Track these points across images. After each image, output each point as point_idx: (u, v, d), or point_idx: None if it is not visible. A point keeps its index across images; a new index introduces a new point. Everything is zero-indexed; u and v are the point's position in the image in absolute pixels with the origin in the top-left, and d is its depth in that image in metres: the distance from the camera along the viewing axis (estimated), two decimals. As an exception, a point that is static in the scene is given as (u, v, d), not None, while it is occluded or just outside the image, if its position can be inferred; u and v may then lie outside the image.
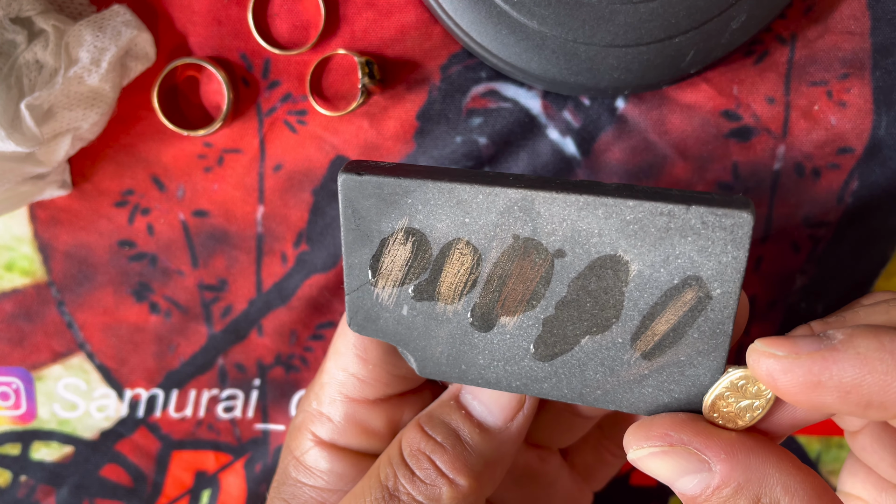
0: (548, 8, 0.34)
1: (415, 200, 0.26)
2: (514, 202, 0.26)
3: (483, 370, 0.28)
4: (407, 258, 0.27)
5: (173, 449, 0.40)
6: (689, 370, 0.27)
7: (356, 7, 0.37)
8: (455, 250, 0.27)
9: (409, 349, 0.28)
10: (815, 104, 0.37)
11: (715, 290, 0.26)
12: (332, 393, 0.31)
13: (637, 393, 0.27)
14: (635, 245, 0.26)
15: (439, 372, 0.28)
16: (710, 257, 0.25)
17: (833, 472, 0.40)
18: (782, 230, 0.38)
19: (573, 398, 0.28)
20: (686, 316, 0.26)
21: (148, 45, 0.36)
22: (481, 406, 0.30)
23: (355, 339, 0.31)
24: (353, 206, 0.27)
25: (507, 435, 0.30)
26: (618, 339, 0.27)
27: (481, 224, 0.26)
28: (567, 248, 0.26)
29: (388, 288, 0.28)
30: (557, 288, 0.26)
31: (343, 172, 0.27)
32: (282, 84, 0.37)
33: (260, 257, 0.39)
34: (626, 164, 0.38)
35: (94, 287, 0.39)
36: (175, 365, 0.39)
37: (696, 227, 0.25)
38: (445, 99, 0.37)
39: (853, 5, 0.36)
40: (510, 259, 0.26)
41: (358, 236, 0.27)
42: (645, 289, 0.26)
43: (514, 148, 0.37)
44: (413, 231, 0.27)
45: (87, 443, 0.40)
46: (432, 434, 0.29)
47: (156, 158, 0.38)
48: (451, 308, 0.28)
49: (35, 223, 0.38)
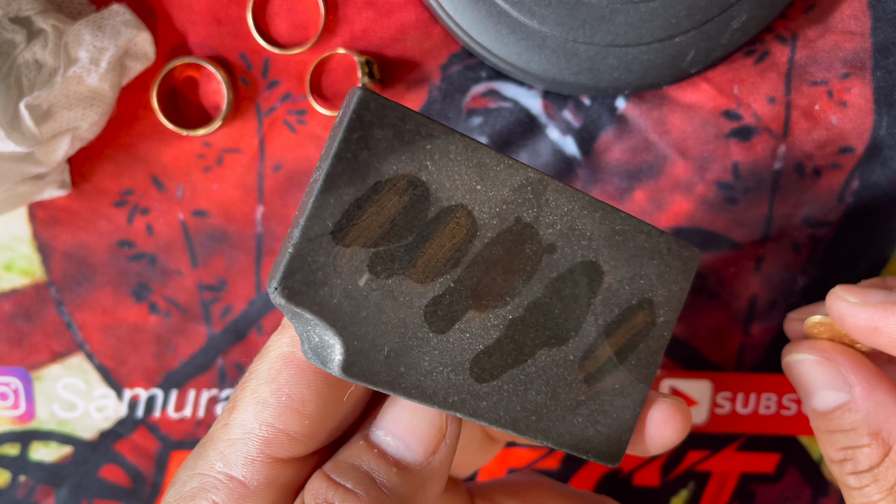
0: (548, 7, 0.34)
1: (434, 148, 0.23)
2: (529, 181, 0.24)
3: (423, 377, 0.24)
4: (396, 212, 0.23)
5: (173, 449, 0.40)
6: (618, 400, 0.26)
7: (356, 7, 0.37)
8: (452, 218, 0.23)
9: (344, 335, 0.23)
10: (815, 104, 0.37)
11: (659, 317, 0.26)
12: (250, 452, 0.25)
13: (567, 422, 0.26)
14: (615, 256, 0.26)
15: (370, 374, 0.23)
16: (665, 283, 0.26)
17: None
18: (783, 230, 0.38)
19: (506, 424, 0.25)
20: (632, 340, 0.26)
21: (147, 45, 0.36)
22: (396, 441, 0.25)
23: (289, 386, 0.25)
24: (363, 132, 0.22)
25: (430, 471, 0.25)
26: (570, 355, 0.25)
27: (491, 196, 0.24)
28: (559, 245, 0.25)
29: (355, 246, 0.22)
30: (536, 287, 0.25)
31: (363, 90, 0.22)
32: (281, 83, 0.37)
33: (259, 257, 0.38)
34: (627, 164, 0.37)
35: (93, 287, 0.38)
36: (174, 365, 0.39)
37: (662, 251, 0.26)
38: (445, 98, 0.37)
39: (854, 5, 0.36)
40: (503, 243, 0.24)
41: (350, 169, 0.22)
42: (608, 303, 0.26)
43: (515, 148, 0.37)
44: (418, 182, 0.23)
45: (87, 443, 0.40)
46: (340, 481, 0.25)
47: (155, 158, 0.38)
48: (418, 289, 0.23)
49: (34, 223, 0.38)
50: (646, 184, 0.38)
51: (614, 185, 0.38)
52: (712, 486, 0.40)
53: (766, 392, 0.40)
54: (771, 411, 0.40)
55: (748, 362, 0.39)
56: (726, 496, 0.40)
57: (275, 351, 0.25)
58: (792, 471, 0.40)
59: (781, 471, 0.40)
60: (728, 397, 0.40)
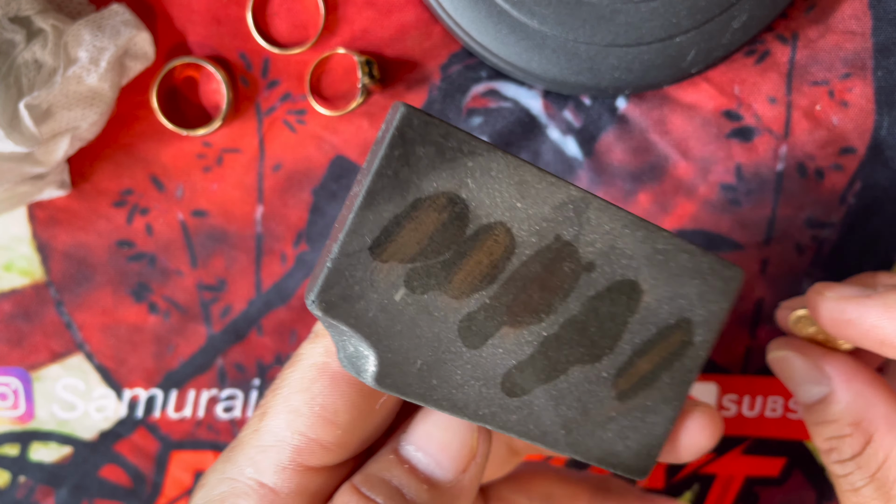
0: (548, 7, 0.34)
1: (476, 165, 0.23)
2: (571, 199, 0.24)
3: (455, 390, 0.24)
4: (434, 229, 0.23)
5: (172, 449, 0.40)
6: (649, 417, 0.26)
7: (356, 6, 0.37)
8: (491, 235, 0.23)
9: (378, 348, 0.23)
10: (816, 104, 0.37)
11: (697, 337, 0.26)
12: (281, 460, 0.25)
13: (597, 437, 0.26)
14: (655, 276, 0.25)
15: (403, 385, 0.23)
16: (705, 304, 0.26)
17: (837, 475, 0.40)
18: (786, 232, 0.38)
19: (536, 437, 0.25)
20: (667, 358, 0.26)
21: (147, 45, 0.36)
22: (428, 458, 0.25)
23: (322, 397, 0.25)
24: (404, 149, 0.22)
25: (460, 488, 0.25)
26: (603, 372, 0.26)
27: (532, 213, 0.24)
28: (598, 263, 0.25)
29: (392, 262, 0.23)
30: (572, 304, 0.25)
31: (406, 106, 0.22)
32: (281, 83, 0.37)
33: (259, 257, 0.38)
34: (629, 165, 0.37)
35: (92, 287, 0.38)
36: (174, 365, 0.39)
37: (704, 271, 0.26)
38: (445, 98, 0.37)
39: (854, 5, 0.36)
40: (542, 261, 0.24)
41: (390, 186, 0.22)
42: (646, 322, 0.26)
43: (515, 148, 0.37)
44: (457, 199, 0.23)
45: (86, 443, 0.40)
46: (371, 495, 0.25)
47: (155, 158, 0.38)
48: (453, 304, 0.23)
49: (34, 223, 0.38)
50: (649, 186, 0.37)
51: (618, 188, 0.37)
52: (716, 489, 0.40)
53: (773, 395, 0.39)
54: (777, 414, 0.40)
55: (754, 365, 0.39)
56: (730, 499, 0.40)
57: (308, 360, 0.26)
58: (797, 474, 0.40)
59: (786, 474, 0.40)
60: (734, 400, 0.40)
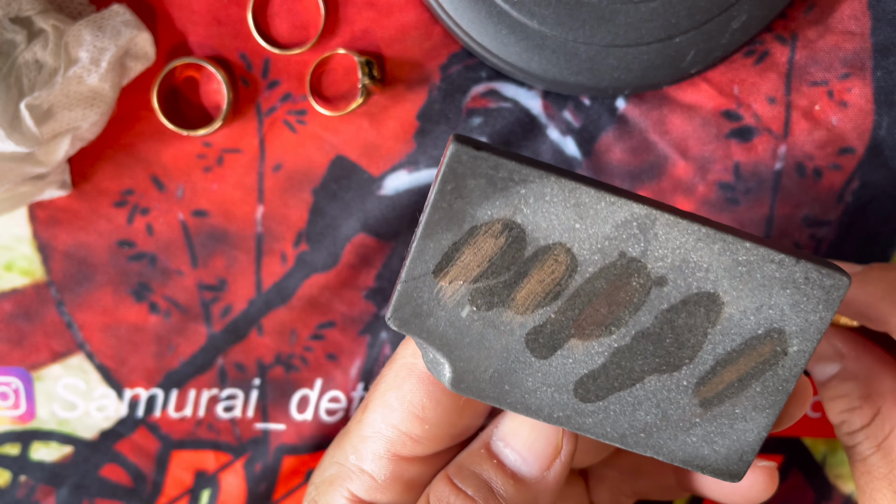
0: (548, 8, 0.34)
1: (529, 192, 0.24)
2: (634, 217, 0.24)
3: (527, 395, 0.25)
4: (493, 253, 0.24)
5: (173, 449, 0.40)
6: (738, 424, 0.26)
7: (356, 7, 0.37)
8: (551, 256, 0.24)
9: (451, 358, 0.25)
10: (816, 104, 0.37)
11: (792, 347, 0.25)
12: (378, 449, 0.28)
13: (680, 441, 0.26)
14: (737, 287, 0.25)
15: (477, 389, 0.25)
16: (800, 313, 0.25)
17: (839, 475, 0.40)
18: (783, 231, 0.38)
19: (614, 439, 0.26)
20: (757, 368, 0.25)
21: (147, 45, 0.36)
22: (514, 454, 0.27)
23: (411, 394, 0.28)
24: (456, 183, 0.23)
25: (544, 485, 0.27)
26: (683, 381, 0.25)
27: (591, 233, 0.24)
28: (670, 278, 0.24)
29: (457, 283, 0.24)
30: (644, 317, 0.25)
31: (456, 142, 0.23)
32: (281, 84, 0.37)
33: (260, 257, 0.38)
34: (628, 165, 0.37)
35: (93, 287, 0.39)
36: (174, 365, 0.39)
37: (798, 280, 0.25)
38: (445, 99, 0.37)
39: (854, 5, 0.36)
40: (607, 277, 0.24)
41: (446, 217, 0.24)
42: (729, 333, 0.25)
43: (515, 148, 0.37)
44: (513, 225, 0.24)
45: (87, 443, 0.40)
46: (462, 487, 0.27)
47: (155, 158, 0.38)
48: (518, 319, 0.25)
49: (34, 223, 0.38)
50: (648, 185, 0.38)
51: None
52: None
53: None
54: (773, 412, 0.40)
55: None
56: (728, 497, 0.40)
57: (400, 360, 0.28)
58: (795, 473, 0.40)
59: (784, 473, 0.40)
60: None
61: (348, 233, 0.38)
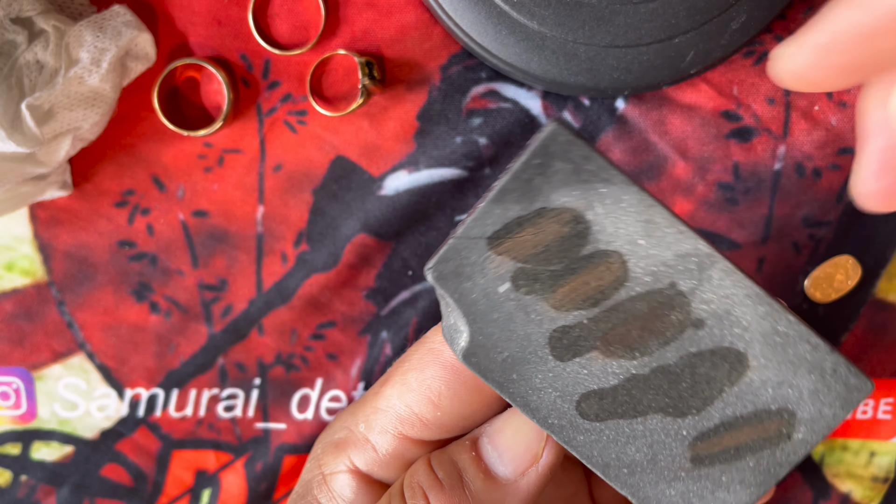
0: (548, 8, 0.34)
1: (608, 193, 0.23)
2: (697, 254, 0.24)
3: (531, 391, 0.25)
4: (552, 239, 0.24)
5: (174, 448, 0.40)
6: (720, 493, 0.26)
7: (356, 7, 0.37)
8: (605, 262, 0.24)
9: (472, 328, 0.25)
10: (815, 105, 0.37)
11: (798, 434, 0.25)
12: (387, 424, 0.29)
13: (659, 490, 0.26)
14: (767, 355, 0.24)
15: (485, 368, 0.25)
16: (817, 403, 0.25)
17: (837, 474, 0.40)
18: (782, 231, 0.38)
19: (597, 465, 0.26)
20: (757, 443, 0.25)
21: (148, 46, 0.36)
22: (493, 452, 0.28)
23: (431, 379, 0.28)
24: (544, 160, 0.23)
25: (514, 489, 0.27)
26: (683, 431, 0.25)
27: (652, 254, 0.24)
28: (709, 324, 0.24)
29: (506, 256, 0.24)
30: (670, 354, 0.25)
31: (556, 123, 0.23)
32: (282, 84, 0.37)
33: (260, 257, 0.39)
34: (628, 165, 0.37)
35: (94, 287, 0.39)
36: (175, 364, 0.39)
37: (826, 369, 0.25)
38: (445, 99, 0.37)
39: (853, 6, 0.36)
40: (650, 302, 0.24)
41: (521, 190, 0.23)
42: (744, 398, 0.25)
43: (515, 148, 0.38)
44: (582, 219, 0.24)
45: (88, 442, 0.40)
46: (436, 469, 0.27)
47: (156, 158, 0.38)
48: (551, 313, 0.25)
49: (35, 223, 0.38)
50: (647, 185, 0.38)
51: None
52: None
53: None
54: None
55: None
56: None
57: (429, 344, 0.29)
58: (793, 473, 0.40)
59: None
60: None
61: (348, 233, 0.38)
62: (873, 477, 0.40)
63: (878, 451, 0.40)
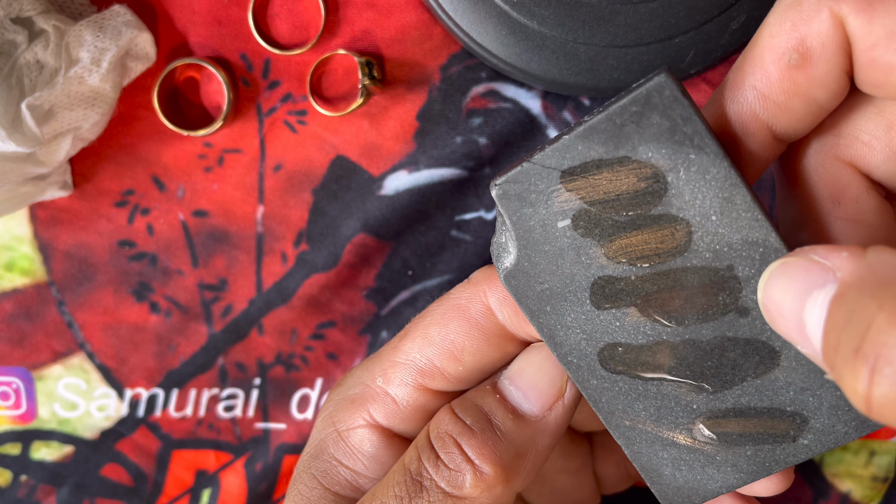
0: (548, 8, 0.34)
1: (698, 160, 0.23)
2: (764, 245, 0.23)
3: (559, 327, 0.25)
4: (626, 190, 0.23)
5: (174, 448, 0.40)
6: (710, 469, 0.26)
7: (356, 7, 0.37)
8: (671, 227, 0.24)
9: (521, 252, 0.25)
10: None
11: (804, 439, 0.25)
12: (406, 377, 0.29)
13: (652, 449, 0.26)
14: (800, 361, 0.24)
15: (521, 293, 0.25)
16: (833, 417, 0.25)
17: (836, 474, 0.40)
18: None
19: (601, 410, 0.26)
20: (762, 436, 0.25)
21: (148, 46, 0.36)
22: (518, 391, 0.28)
23: (455, 334, 0.28)
24: (642, 109, 0.22)
25: (543, 425, 0.28)
26: (694, 405, 0.25)
27: (721, 233, 0.23)
28: (753, 315, 0.24)
29: (575, 194, 0.24)
30: (705, 331, 0.24)
31: (667, 75, 0.22)
32: (282, 84, 0.37)
33: (260, 257, 0.39)
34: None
35: (94, 287, 0.39)
36: (175, 364, 0.39)
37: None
38: (445, 99, 0.37)
39: (853, 6, 0.36)
40: (702, 278, 0.24)
41: (610, 132, 0.23)
42: (764, 392, 0.25)
43: (515, 148, 0.38)
44: (662, 178, 0.23)
45: (88, 442, 0.40)
46: (462, 416, 0.27)
47: (156, 158, 0.38)
48: (602, 260, 0.24)
49: (35, 223, 0.38)
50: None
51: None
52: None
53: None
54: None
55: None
56: (726, 496, 0.40)
57: (454, 300, 0.28)
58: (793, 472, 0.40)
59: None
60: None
61: (348, 233, 0.38)
62: (873, 476, 0.40)
63: (877, 451, 0.40)
